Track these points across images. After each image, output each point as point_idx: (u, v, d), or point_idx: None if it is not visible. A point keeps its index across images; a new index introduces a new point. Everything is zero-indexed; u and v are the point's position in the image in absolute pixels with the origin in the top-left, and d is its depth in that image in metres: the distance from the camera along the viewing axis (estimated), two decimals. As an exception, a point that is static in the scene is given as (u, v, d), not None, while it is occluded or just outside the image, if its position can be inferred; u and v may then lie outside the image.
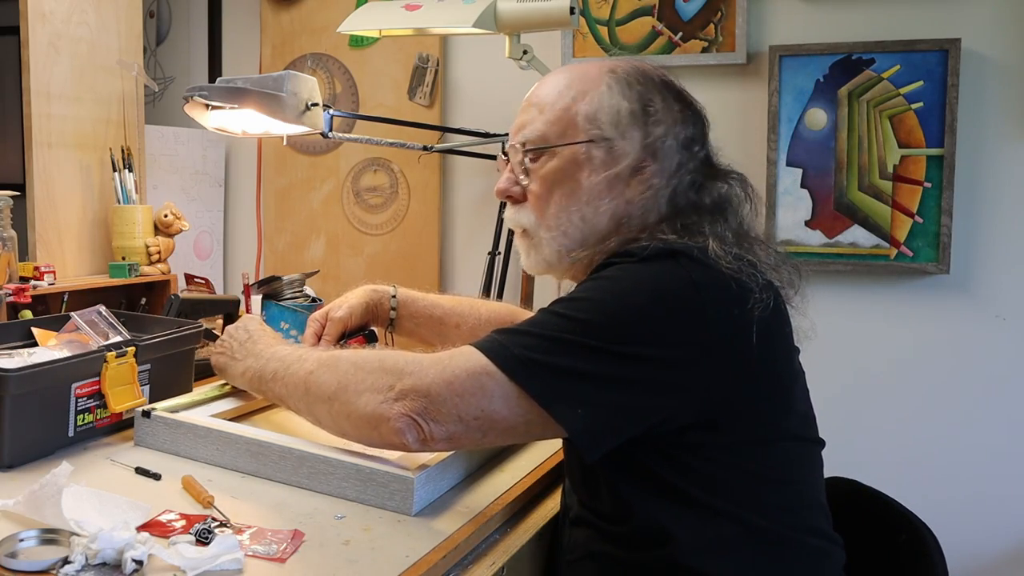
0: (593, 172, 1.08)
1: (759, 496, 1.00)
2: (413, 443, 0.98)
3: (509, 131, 1.17)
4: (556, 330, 0.95)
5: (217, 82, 1.71)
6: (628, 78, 1.10)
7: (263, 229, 2.72)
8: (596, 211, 1.08)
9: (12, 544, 0.91)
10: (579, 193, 1.08)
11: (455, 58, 2.43)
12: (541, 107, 1.12)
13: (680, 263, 0.97)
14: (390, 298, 1.45)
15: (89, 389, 1.23)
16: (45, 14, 2.01)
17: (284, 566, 0.91)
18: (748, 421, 0.99)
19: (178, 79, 2.81)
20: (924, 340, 2.01)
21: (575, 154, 1.08)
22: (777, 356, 1.02)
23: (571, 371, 0.94)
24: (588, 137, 1.08)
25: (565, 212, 1.09)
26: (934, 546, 1.16)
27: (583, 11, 2.21)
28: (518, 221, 1.14)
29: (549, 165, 1.10)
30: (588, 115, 1.08)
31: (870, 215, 2.00)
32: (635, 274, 0.98)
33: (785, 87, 2.04)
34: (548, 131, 1.10)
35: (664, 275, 0.97)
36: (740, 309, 0.95)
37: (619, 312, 0.95)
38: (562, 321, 0.96)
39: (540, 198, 1.11)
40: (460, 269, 2.48)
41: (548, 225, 1.10)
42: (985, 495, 1.97)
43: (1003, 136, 1.93)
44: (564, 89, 1.11)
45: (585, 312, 0.96)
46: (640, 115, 1.08)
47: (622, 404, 0.94)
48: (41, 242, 2.02)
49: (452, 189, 2.47)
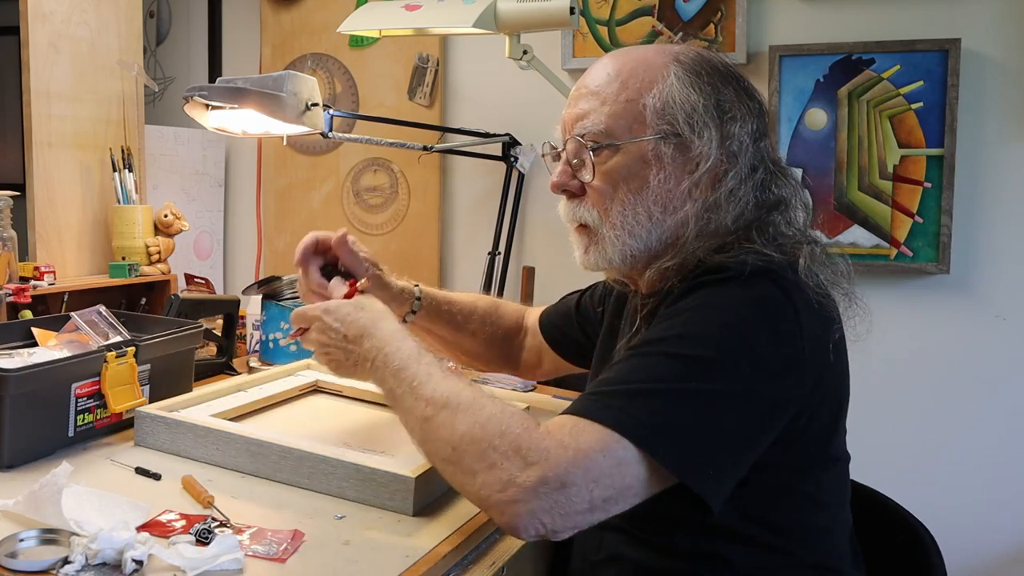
0: (663, 171, 1.01)
1: (807, 522, 0.98)
2: (528, 537, 0.88)
3: (563, 119, 1.08)
4: (674, 380, 0.89)
5: (217, 82, 1.71)
6: (697, 68, 1.03)
7: (263, 229, 2.72)
8: (669, 213, 1.01)
9: (12, 544, 0.91)
10: (646, 193, 1.01)
11: (455, 58, 2.43)
12: (602, 97, 1.03)
13: (779, 285, 0.93)
14: (413, 294, 1.39)
15: (89, 389, 1.23)
16: (45, 14, 2.01)
17: (284, 566, 0.91)
18: (811, 443, 0.97)
19: (178, 79, 2.81)
20: (924, 340, 2.01)
21: (643, 151, 1.01)
22: (844, 374, 1.02)
23: (700, 427, 0.87)
24: (658, 133, 1.00)
25: (632, 212, 1.02)
26: (932, 546, 1.17)
27: (583, 11, 2.21)
28: (578, 217, 1.06)
29: (613, 161, 1.02)
30: (657, 109, 1.00)
31: (870, 215, 2.00)
32: (740, 301, 0.92)
33: (785, 87, 2.04)
34: (612, 124, 1.02)
35: (769, 303, 0.92)
36: (825, 331, 0.94)
37: (734, 348, 0.89)
38: (675, 365, 0.89)
39: (603, 195, 1.03)
40: (460, 269, 2.48)
41: (613, 223, 1.03)
42: (984, 495, 1.97)
43: (1003, 136, 1.93)
44: (628, 78, 1.02)
45: (698, 349, 0.89)
46: (715, 111, 1.01)
47: (744, 446, 0.90)
48: (41, 242, 2.02)
49: (452, 189, 2.47)
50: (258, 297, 1.75)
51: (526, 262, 2.33)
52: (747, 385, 0.89)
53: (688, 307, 0.94)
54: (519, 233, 2.31)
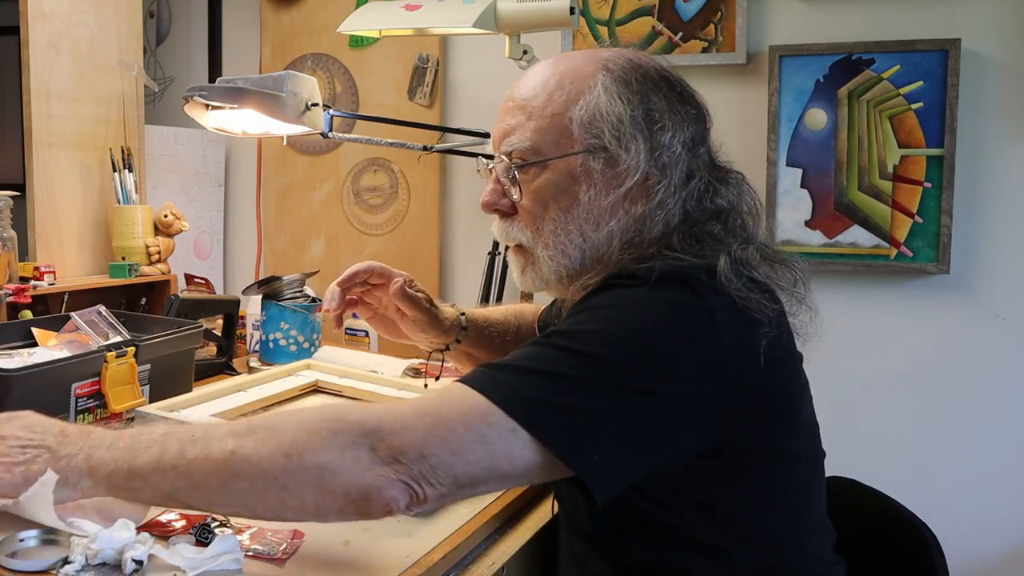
0: (592, 186, 0.98)
1: (767, 528, 0.95)
2: (404, 510, 0.82)
3: (493, 134, 1.05)
4: (566, 367, 0.84)
5: (217, 82, 1.71)
6: (626, 76, 0.99)
7: (263, 229, 2.72)
8: (598, 229, 0.98)
9: (12, 544, 0.91)
10: (577, 210, 0.98)
11: (455, 58, 2.43)
12: (528, 111, 1.00)
13: (692, 288, 0.89)
14: (460, 323, 1.33)
15: (89, 389, 1.23)
16: (45, 14, 2.01)
17: (284, 566, 0.91)
18: (757, 447, 0.93)
19: (178, 79, 2.81)
20: (924, 340, 2.01)
21: (571, 167, 0.98)
22: (785, 376, 0.97)
23: (587, 413, 0.83)
24: (584, 147, 0.98)
25: (564, 230, 0.99)
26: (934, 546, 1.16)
27: (583, 11, 2.21)
28: (511, 236, 1.04)
29: (541, 178, 0.99)
30: (583, 122, 0.98)
31: (870, 215, 2.00)
32: (645, 301, 0.88)
33: (785, 87, 2.04)
34: (538, 140, 0.99)
35: (677, 302, 0.88)
36: (751, 334, 0.89)
37: (633, 345, 0.85)
38: (571, 357, 0.85)
39: (533, 214, 1.01)
40: (460, 269, 2.48)
41: (545, 243, 1.00)
42: (986, 495, 1.97)
43: (1003, 136, 1.93)
44: (554, 90, 1.00)
45: (595, 346, 0.85)
46: (643, 122, 0.98)
47: (639, 443, 0.85)
48: (41, 242, 2.02)
49: (452, 189, 2.47)
50: (258, 297, 1.75)
51: (526, 262, 2.33)
52: (645, 383, 0.84)
53: (590, 306, 0.91)
54: (519, 233, 2.31)
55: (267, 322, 1.71)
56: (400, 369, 1.65)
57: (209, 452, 0.83)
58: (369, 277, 1.28)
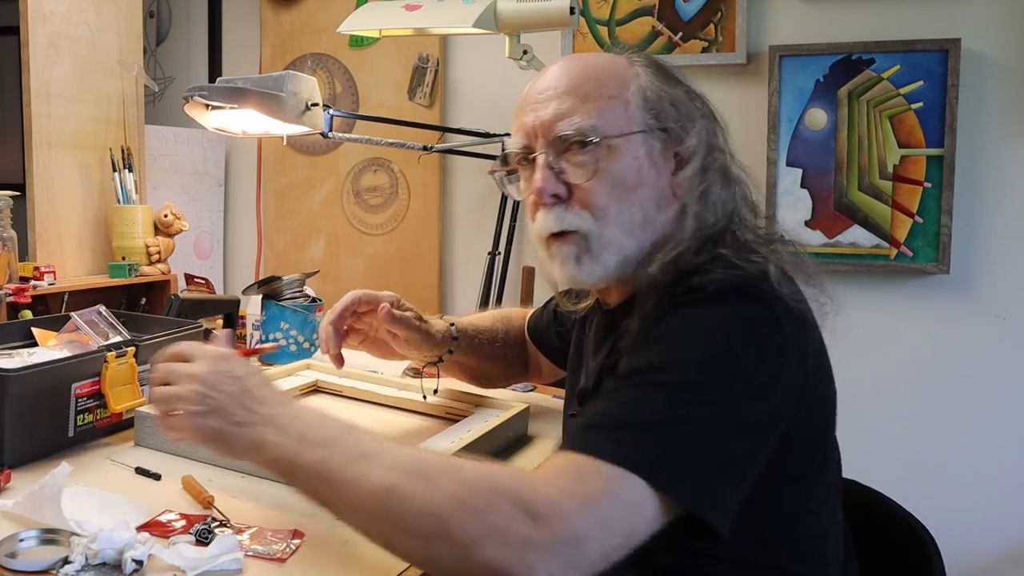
0: (653, 167, 0.97)
1: (799, 533, 0.95)
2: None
3: (529, 124, 1.02)
4: (669, 409, 0.83)
5: (217, 82, 1.71)
6: (656, 65, 1.01)
7: (263, 229, 2.72)
8: (659, 211, 0.97)
9: (12, 544, 0.91)
10: (641, 190, 0.97)
11: (455, 58, 2.43)
12: (581, 94, 0.98)
13: (757, 300, 0.89)
14: (451, 334, 1.33)
15: (89, 389, 1.23)
16: (45, 14, 2.01)
17: (284, 566, 0.91)
18: (802, 450, 0.94)
19: (178, 79, 2.81)
20: (924, 340, 2.01)
21: (633, 146, 0.97)
22: (829, 379, 0.99)
23: (703, 455, 0.82)
24: (645, 127, 0.97)
25: (628, 210, 0.96)
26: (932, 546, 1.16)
27: (583, 11, 2.21)
28: (566, 222, 0.98)
29: (606, 158, 0.96)
30: (640, 104, 0.97)
31: (870, 215, 2.00)
32: (721, 321, 0.88)
33: (785, 87, 2.04)
34: (600, 121, 0.96)
35: (750, 320, 0.88)
36: (807, 337, 0.92)
37: (722, 369, 0.85)
38: (668, 394, 0.84)
39: (596, 196, 0.97)
40: (460, 269, 2.48)
41: (609, 222, 0.97)
42: (985, 495, 1.97)
43: (1003, 136, 1.93)
44: (601, 76, 0.99)
45: (689, 374, 0.84)
46: (692, 101, 1.00)
47: (749, 467, 0.86)
48: (41, 242, 2.02)
49: (452, 189, 2.47)
50: (258, 297, 1.75)
51: (526, 262, 2.33)
52: (740, 405, 0.85)
53: (670, 331, 0.89)
54: (519, 233, 2.31)
55: (267, 322, 1.71)
56: (400, 369, 1.65)
57: (369, 478, 0.81)
58: (357, 307, 1.28)
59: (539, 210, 1.00)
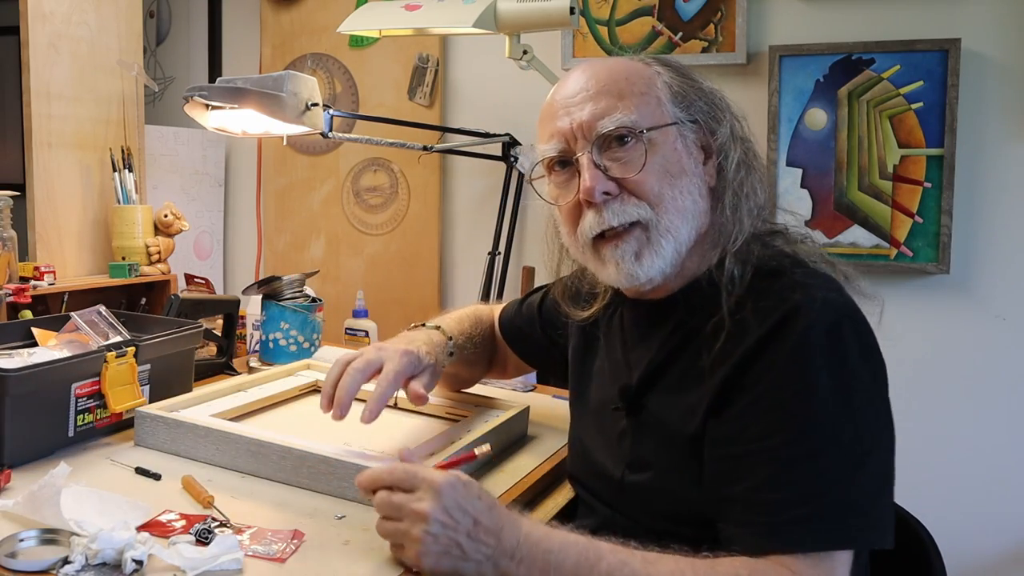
0: (691, 156, 1.01)
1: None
2: None
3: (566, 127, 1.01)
4: (835, 466, 0.91)
5: (217, 82, 1.71)
6: (673, 64, 1.05)
7: (263, 229, 2.72)
8: (703, 198, 1.01)
9: (12, 544, 0.91)
10: (685, 178, 1.00)
11: (455, 58, 2.43)
12: (616, 92, 1.00)
13: (849, 316, 0.97)
14: (447, 346, 1.29)
15: (89, 389, 1.23)
16: (45, 14, 2.01)
17: (284, 566, 0.91)
18: None
19: (178, 79, 2.81)
20: (924, 340, 2.01)
21: (671, 138, 1.00)
22: None
23: (879, 493, 0.95)
24: (677, 120, 1.01)
25: (680, 195, 0.99)
26: (931, 546, 1.16)
27: (583, 11, 2.21)
28: (627, 214, 0.99)
29: (651, 149, 0.99)
30: (669, 98, 1.01)
31: (870, 215, 2.00)
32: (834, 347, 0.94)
33: (785, 87, 2.04)
34: (639, 116, 0.99)
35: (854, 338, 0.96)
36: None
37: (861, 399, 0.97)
38: (826, 449, 0.91)
39: (648, 185, 0.99)
40: (460, 269, 2.48)
41: (666, 208, 0.98)
42: (985, 496, 1.97)
43: (1003, 136, 1.93)
44: (629, 75, 1.02)
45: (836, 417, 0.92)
46: (713, 97, 1.04)
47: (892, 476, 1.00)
48: (41, 242, 2.02)
49: (452, 189, 2.47)
50: (258, 297, 1.75)
51: (526, 262, 2.33)
52: (885, 425, 1.00)
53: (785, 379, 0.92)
54: (519, 233, 2.31)
55: (267, 322, 1.71)
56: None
57: None
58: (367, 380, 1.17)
59: (588, 211, 1.01)
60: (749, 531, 0.89)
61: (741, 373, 0.94)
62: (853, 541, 0.88)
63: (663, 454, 1.01)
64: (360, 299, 2.18)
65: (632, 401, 1.05)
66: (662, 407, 1.02)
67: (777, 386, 0.92)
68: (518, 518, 0.91)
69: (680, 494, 0.99)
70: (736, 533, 0.91)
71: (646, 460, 1.03)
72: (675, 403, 1.00)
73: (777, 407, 0.92)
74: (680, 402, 0.99)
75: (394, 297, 2.49)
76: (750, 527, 0.90)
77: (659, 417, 1.02)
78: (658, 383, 1.04)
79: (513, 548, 0.88)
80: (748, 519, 0.90)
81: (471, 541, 0.88)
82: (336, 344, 1.91)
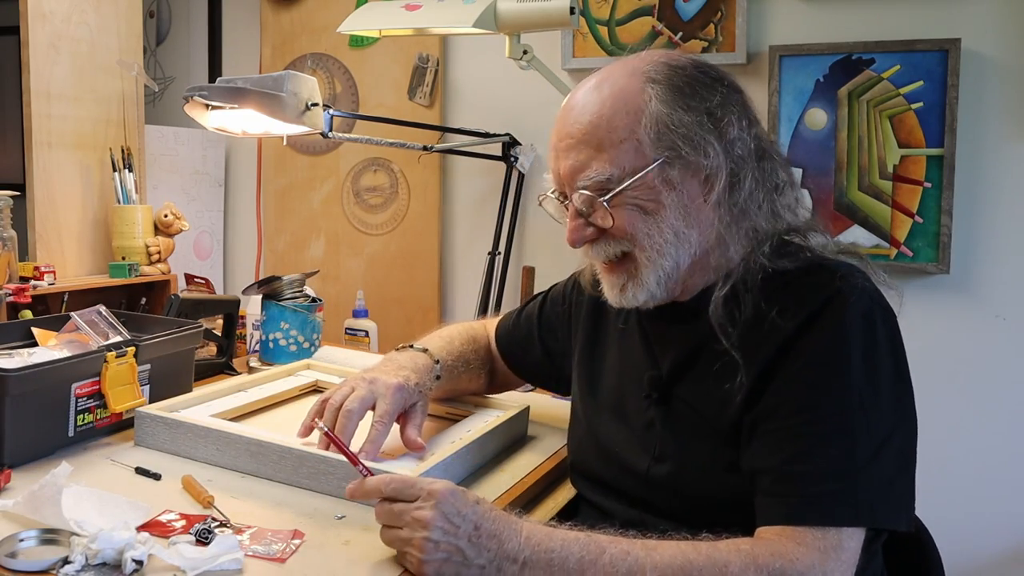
0: (673, 191, 1.00)
1: None
2: None
3: (556, 171, 1.05)
4: (859, 444, 0.92)
5: (217, 82, 1.71)
6: (673, 82, 1.01)
7: (263, 229, 2.72)
8: (690, 227, 1.01)
9: (12, 544, 0.91)
10: (664, 212, 1.00)
11: (455, 58, 2.43)
12: (595, 143, 1.00)
13: (875, 301, 1.01)
14: (433, 369, 1.27)
15: (89, 389, 1.23)
16: (45, 14, 2.01)
17: (284, 566, 0.91)
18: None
19: (178, 79, 2.81)
20: (924, 340, 2.01)
21: (650, 181, 1.00)
22: None
23: (900, 475, 0.94)
24: (659, 159, 0.99)
25: (657, 231, 1.01)
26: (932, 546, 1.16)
27: (583, 11, 2.21)
28: (611, 251, 1.04)
29: (626, 199, 1.00)
30: (652, 139, 0.99)
31: (870, 215, 2.00)
32: (862, 331, 0.97)
33: (785, 87, 2.04)
34: (615, 169, 0.99)
35: (881, 324, 1.00)
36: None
37: (886, 381, 0.97)
38: (850, 427, 0.92)
39: (624, 230, 1.02)
40: (460, 269, 2.48)
41: (643, 246, 1.01)
42: (984, 495, 1.97)
43: (1003, 136, 1.93)
44: (612, 116, 1.00)
45: (863, 398, 0.94)
46: (709, 124, 1.00)
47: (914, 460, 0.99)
48: (41, 242, 2.02)
49: (452, 189, 2.47)
50: (258, 297, 1.75)
51: (526, 262, 2.33)
52: (908, 407, 0.97)
53: (823, 358, 0.96)
54: (519, 233, 2.31)
55: (267, 322, 1.71)
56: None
57: None
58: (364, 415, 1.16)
59: (582, 249, 1.07)
60: (775, 500, 0.92)
61: (782, 357, 0.97)
62: (872, 520, 0.91)
63: (694, 442, 1.03)
64: (360, 299, 2.18)
65: (662, 391, 1.07)
66: (694, 396, 1.04)
67: (813, 364, 0.96)
68: (518, 521, 0.92)
69: (709, 481, 1.01)
70: (762, 503, 0.94)
71: (674, 449, 1.05)
72: (708, 391, 1.02)
73: (812, 385, 0.95)
74: (714, 390, 1.01)
75: (394, 297, 2.49)
76: (776, 497, 0.93)
77: (692, 405, 1.04)
78: (687, 374, 1.06)
79: (515, 551, 0.89)
80: (776, 490, 0.93)
81: (472, 546, 0.88)
82: (336, 344, 1.91)
